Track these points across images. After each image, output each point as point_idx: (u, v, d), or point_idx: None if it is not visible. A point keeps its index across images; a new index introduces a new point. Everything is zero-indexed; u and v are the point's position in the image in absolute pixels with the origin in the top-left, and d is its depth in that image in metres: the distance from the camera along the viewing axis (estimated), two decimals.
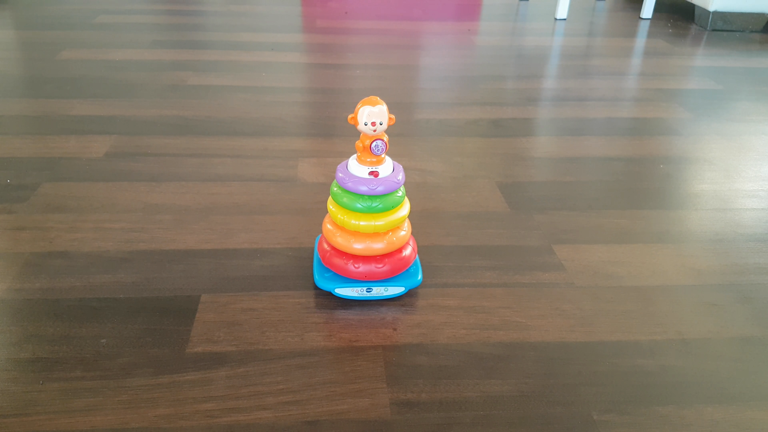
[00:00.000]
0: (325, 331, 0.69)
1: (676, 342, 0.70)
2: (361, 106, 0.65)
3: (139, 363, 0.64)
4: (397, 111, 1.29)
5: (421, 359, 0.66)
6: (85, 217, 0.89)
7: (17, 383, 0.61)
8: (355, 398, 0.61)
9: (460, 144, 1.18)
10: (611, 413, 0.60)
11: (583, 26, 2.13)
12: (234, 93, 1.38)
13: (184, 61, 1.58)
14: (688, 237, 0.91)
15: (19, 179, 0.98)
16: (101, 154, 1.07)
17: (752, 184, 1.07)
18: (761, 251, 0.87)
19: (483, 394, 0.62)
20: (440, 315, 0.73)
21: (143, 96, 1.34)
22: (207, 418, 0.58)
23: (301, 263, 0.81)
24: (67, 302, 0.72)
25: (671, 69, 1.68)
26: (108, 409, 0.58)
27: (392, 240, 0.71)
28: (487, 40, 1.92)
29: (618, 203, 0.98)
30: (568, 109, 1.36)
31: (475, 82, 1.52)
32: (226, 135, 1.16)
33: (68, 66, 1.50)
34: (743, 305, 0.76)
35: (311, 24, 2.02)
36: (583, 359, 0.67)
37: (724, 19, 2.07)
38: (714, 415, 0.61)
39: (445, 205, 0.96)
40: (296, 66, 1.60)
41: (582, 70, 1.65)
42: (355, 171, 0.69)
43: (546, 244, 0.87)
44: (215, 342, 0.67)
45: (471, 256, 0.84)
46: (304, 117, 1.29)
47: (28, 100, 1.29)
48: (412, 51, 1.78)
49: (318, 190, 0.98)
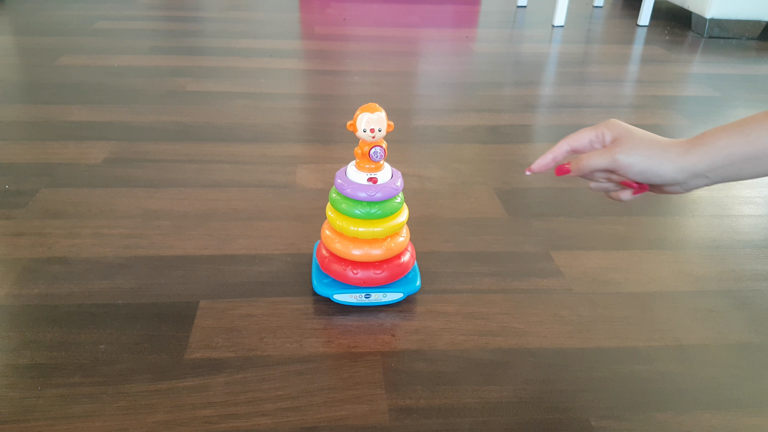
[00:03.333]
0: (323, 337, 0.70)
1: (674, 348, 0.70)
2: (359, 112, 0.66)
3: (137, 369, 0.64)
4: (396, 117, 1.29)
5: (420, 365, 0.66)
6: (84, 223, 0.89)
7: (15, 389, 0.61)
8: (354, 404, 0.61)
9: (458, 150, 1.18)
10: (609, 419, 0.60)
11: (580, 33, 2.14)
12: (232, 99, 1.38)
13: (183, 67, 1.58)
14: (685, 243, 0.91)
15: (17, 185, 0.98)
16: (100, 160, 1.07)
17: (749, 190, 1.07)
18: (758, 258, 0.88)
19: (481, 400, 0.62)
20: (438, 321, 0.73)
21: (142, 102, 1.34)
22: (205, 424, 0.58)
23: (299, 269, 0.81)
24: (66, 308, 0.72)
25: (668, 76, 1.69)
26: (106, 415, 0.58)
27: (391, 246, 0.72)
28: (485, 47, 1.93)
29: (615, 210, 0.99)
30: (565, 115, 1.37)
31: (473, 88, 1.53)
32: (225, 141, 1.17)
33: (67, 72, 1.50)
34: (740, 311, 0.77)
35: (309, 30, 2.03)
36: (581, 365, 0.67)
37: (721, 26, 2.09)
38: (711, 421, 0.61)
39: (443, 212, 0.96)
40: (295, 72, 1.60)
41: (579, 76, 1.66)
42: (354, 177, 0.69)
43: (544, 250, 0.87)
44: (214, 348, 0.67)
45: (469, 263, 0.84)
46: (302, 123, 1.30)
47: (27, 106, 1.29)
48: (410, 58, 1.79)
49: (316, 196, 0.99)
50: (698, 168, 0.51)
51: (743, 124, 0.50)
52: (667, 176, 0.51)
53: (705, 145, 0.50)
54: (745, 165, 0.50)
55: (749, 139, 0.49)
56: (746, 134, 0.49)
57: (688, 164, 0.51)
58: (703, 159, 0.50)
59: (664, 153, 0.51)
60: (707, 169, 0.51)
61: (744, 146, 0.49)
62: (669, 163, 0.51)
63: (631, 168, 0.52)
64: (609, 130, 0.55)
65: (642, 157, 0.52)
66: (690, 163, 0.51)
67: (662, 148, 0.52)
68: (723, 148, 0.50)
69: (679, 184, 0.52)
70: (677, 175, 0.51)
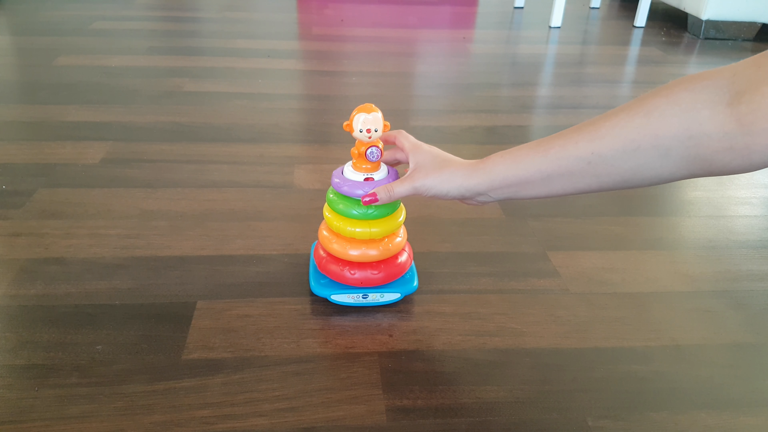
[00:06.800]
0: (320, 338, 0.70)
1: (670, 348, 0.70)
2: (356, 113, 0.66)
3: (134, 369, 0.64)
4: (393, 118, 1.30)
5: (417, 366, 0.66)
6: (81, 223, 0.89)
7: (12, 390, 0.61)
8: (351, 405, 0.61)
9: (456, 151, 1.18)
10: (606, 419, 0.61)
11: (577, 34, 2.15)
12: (230, 99, 1.38)
13: (181, 67, 1.58)
14: (681, 244, 0.91)
15: (14, 185, 0.98)
16: (97, 161, 1.07)
17: (745, 191, 1.07)
18: (754, 258, 0.88)
19: (478, 400, 0.62)
20: (436, 321, 0.73)
21: (139, 102, 1.34)
22: (203, 424, 0.58)
23: (296, 270, 0.81)
24: (63, 309, 0.72)
25: (664, 77, 1.69)
26: (103, 416, 0.58)
27: (388, 246, 0.72)
28: (482, 48, 1.93)
29: (612, 210, 0.99)
30: (562, 116, 1.37)
31: (470, 89, 1.53)
32: (222, 141, 1.17)
33: (64, 72, 1.50)
34: (736, 312, 0.77)
35: (307, 31, 2.03)
36: (577, 365, 0.67)
37: (717, 27, 2.09)
38: (707, 421, 0.61)
39: (440, 212, 0.96)
40: (292, 73, 1.60)
41: (576, 77, 1.66)
42: (351, 177, 0.69)
43: (541, 250, 0.88)
44: (211, 349, 0.67)
45: (466, 263, 0.84)
46: (300, 123, 1.30)
47: (24, 106, 1.29)
48: (407, 58, 1.79)
49: (314, 197, 0.99)
50: (480, 188, 0.59)
51: (517, 153, 0.57)
52: (456, 195, 0.61)
53: (485, 170, 0.59)
54: (520, 188, 0.57)
55: (520, 166, 0.56)
56: (518, 162, 0.57)
57: (471, 185, 0.59)
58: (483, 181, 0.59)
59: (452, 177, 0.61)
60: (488, 189, 0.59)
61: (516, 173, 0.57)
62: (455, 185, 0.60)
63: (429, 191, 0.62)
64: (414, 157, 0.65)
65: (435, 181, 0.61)
66: (473, 185, 0.59)
67: (451, 173, 0.61)
68: (499, 173, 0.58)
69: (468, 199, 0.62)
70: (465, 193, 0.61)
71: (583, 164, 0.52)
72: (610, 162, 0.50)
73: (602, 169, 0.51)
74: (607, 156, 0.50)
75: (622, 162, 0.50)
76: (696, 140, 0.45)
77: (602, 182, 0.53)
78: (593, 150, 0.51)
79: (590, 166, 0.51)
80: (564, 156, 0.53)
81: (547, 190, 0.56)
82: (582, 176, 0.53)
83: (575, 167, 0.52)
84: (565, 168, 0.53)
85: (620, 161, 0.50)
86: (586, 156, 0.51)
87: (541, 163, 0.54)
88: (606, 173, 0.51)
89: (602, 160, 0.51)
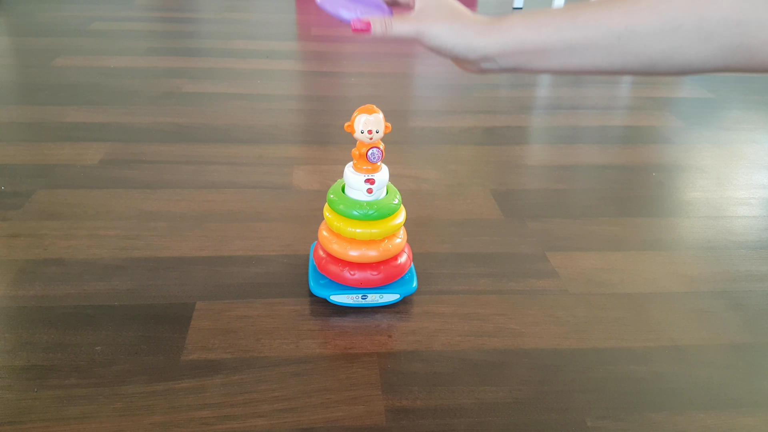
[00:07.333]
0: (320, 339, 0.70)
1: (669, 349, 0.71)
2: (357, 114, 0.66)
3: (133, 370, 0.64)
4: (392, 119, 1.30)
5: (416, 366, 0.66)
6: (80, 224, 0.89)
7: (11, 391, 0.61)
8: (350, 405, 0.61)
9: (455, 152, 1.19)
10: (605, 420, 0.61)
11: None
12: (229, 100, 1.38)
13: (179, 68, 1.58)
14: (680, 244, 0.91)
15: (13, 186, 0.97)
16: (96, 161, 1.07)
17: (744, 192, 1.08)
18: (753, 258, 0.88)
19: (478, 400, 0.62)
20: (435, 322, 0.73)
21: (138, 103, 1.34)
22: (202, 425, 0.58)
23: (296, 270, 0.81)
24: (62, 309, 0.72)
25: (663, 77, 1.69)
26: (103, 417, 0.58)
27: (388, 247, 0.72)
28: None
29: (611, 211, 0.99)
30: (561, 117, 1.37)
31: (469, 90, 1.53)
32: (221, 142, 1.17)
33: (63, 73, 1.50)
34: (735, 312, 0.77)
35: (306, 32, 2.03)
36: (576, 366, 0.67)
37: None
38: (706, 422, 0.61)
39: (439, 213, 0.96)
40: (291, 73, 1.60)
41: (574, 78, 1.66)
42: (352, 178, 0.69)
43: (540, 251, 0.88)
44: (210, 349, 0.67)
45: (465, 264, 0.84)
46: (299, 124, 1.30)
47: (23, 107, 1.29)
48: (406, 59, 1.79)
49: (313, 198, 0.99)
50: (489, 51, 0.51)
51: (540, 15, 0.50)
52: (460, 54, 0.52)
53: (501, 30, 0.51)
54: (534, 57, 0.50)
55: (542, 31, 0.49)
56: (539, 26, 0.49)
57: (480, 45, 0.51)
58: (496, 43, 0.51)
59: (463, 30, 0.52)
60: (497, 54, 0.51)
61: (536, 37, 0.49)
62: (464, 41, 0.52)
63: (432, 40, 0.53)
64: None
65: (442, 31, 0.52)
66: (483, 45, 0.51)
67: (463, 24, 0.52)
68: (516, 35, 0.50)
69: (470, 62, 0.53)
70: (470, 54, 0.52)
71: (613, 39, 0.46)
72: (644, 40, 0.45)
73: (632, 47, 0.46)
74: (642, 33, 0.45)
75: (656, 42, 0.45)
76: (745, 27, 0.41)
77: (627, 62, 0.47)
78: (628, 24, 0.45)
79: (620, 41, 0.46)
80: (594, 26, 0.47)
81: (564, 63, 0.50)
82: (608, 52, 0.47)
83: (603, 41, 0.47)
84: (591, 40, 0.47)
85: (655, 41, 0.45)
86: (618, 30, 0.46)
87: (567, 29, 0.48)
88: (635, 52, 0.46)
89: (635, 36, 0.45)
